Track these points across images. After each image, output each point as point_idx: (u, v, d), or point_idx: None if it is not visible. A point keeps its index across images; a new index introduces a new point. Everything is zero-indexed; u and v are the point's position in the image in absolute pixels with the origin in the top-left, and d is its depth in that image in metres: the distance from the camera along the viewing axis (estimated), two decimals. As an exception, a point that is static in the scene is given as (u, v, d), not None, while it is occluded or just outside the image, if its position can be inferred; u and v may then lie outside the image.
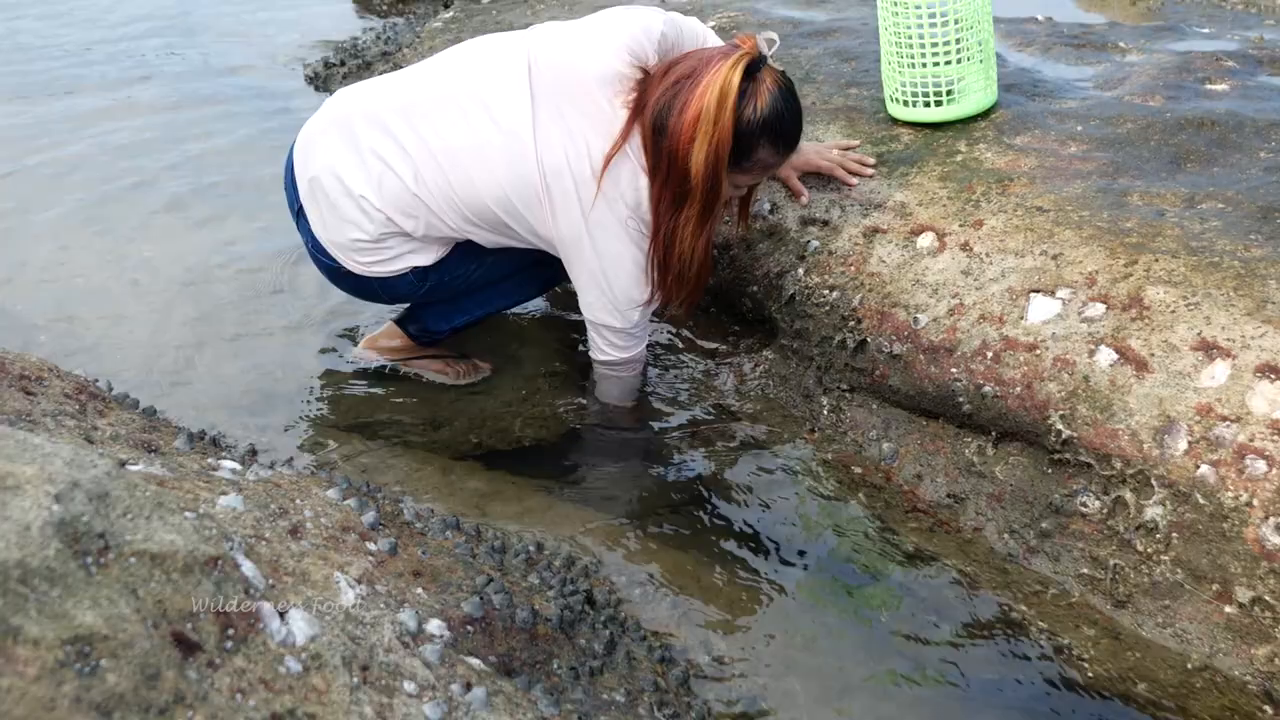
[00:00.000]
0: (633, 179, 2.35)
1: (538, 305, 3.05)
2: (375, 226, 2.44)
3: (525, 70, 2.38)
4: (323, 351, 2.94)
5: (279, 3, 6.18)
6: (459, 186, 2.39)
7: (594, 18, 2.44)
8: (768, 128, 2.29)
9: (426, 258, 2.53)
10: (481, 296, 2.71)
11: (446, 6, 5.30)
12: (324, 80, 4.92)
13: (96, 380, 2.29)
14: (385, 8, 6.00)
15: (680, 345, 2.91)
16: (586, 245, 2.39)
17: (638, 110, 2.32)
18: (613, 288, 2.44)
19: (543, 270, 2.65)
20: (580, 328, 2.58)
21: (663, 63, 2.36)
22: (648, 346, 2.65)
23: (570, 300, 2.82)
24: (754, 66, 2.25)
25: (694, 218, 2.35)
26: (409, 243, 2.49)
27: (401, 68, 4.31)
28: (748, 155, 2.32)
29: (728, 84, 2.21)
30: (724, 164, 2.29)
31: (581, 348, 2.73)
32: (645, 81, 2.34)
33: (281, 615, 1.30)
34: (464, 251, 2.54)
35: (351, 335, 2.96)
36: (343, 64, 4.97)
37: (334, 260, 2.53)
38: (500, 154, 2.35)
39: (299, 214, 2.57)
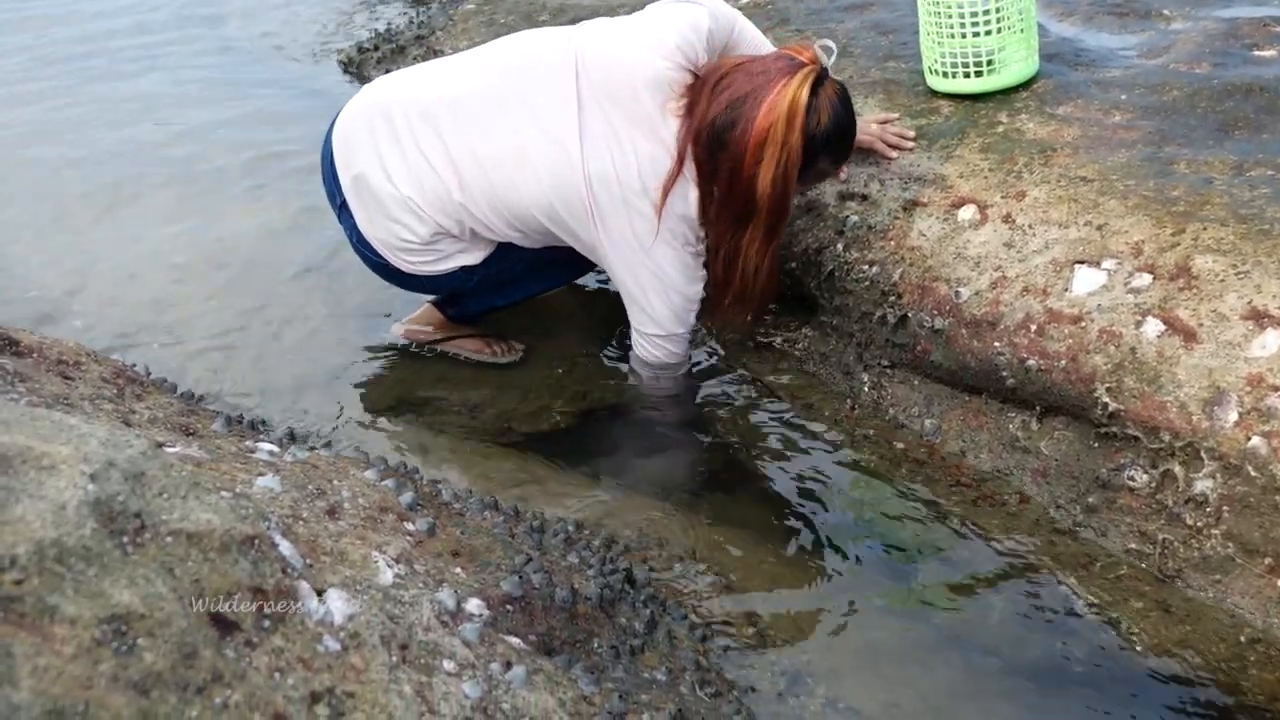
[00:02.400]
0: (683, 191, 2.32)
1: (573, 283, 3.04)
2: (426, 229, 2.43)
3: (573, 73, 2.34)
4: (360, 334, 2.94)
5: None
6: (503, 193, 2.37)
7: (642, 17, 2.40)
8: (830, 142, 2.27)
9: (475, 257, 2.52)
10: (525, 282, 2.70)
11: (480, -11, 5.27)
12: (358, 65, 4.91)
13: (134, 365, 2.30)
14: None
15: (718, 323, 2.89)
16: (634, 254, 2.37)
17: (688, 118, 2.29)
18: (659, 296, 2.43)
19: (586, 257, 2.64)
20: (617, 305, 2.56)
21: (712, 68, 2.31)
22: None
23: (605, 277, 2.81)
24: (819, 82, 2.22)
25: (759, 238, 2.32)
26: (458, 243, 2.49)
27: (436, 51, 4.35)
28: (809, 168, 2.30)
29: (796, 103, 2.18)
30: (793, 184, 2.27)
31: (620, 328, 2.71)
32: (694, 86, 2.30)
33: (319, 594, 1.29)
34: (511, 247, 2.53)
35: (389, 317, 2.95)
36: (376, 49, 4.96)
37: (380, 256, 2.53)
38: (545, 160, 2.33)
39: (341, 207, 2.55)
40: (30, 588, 1.00)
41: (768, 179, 2.22)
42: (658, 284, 2.40)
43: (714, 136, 2.25)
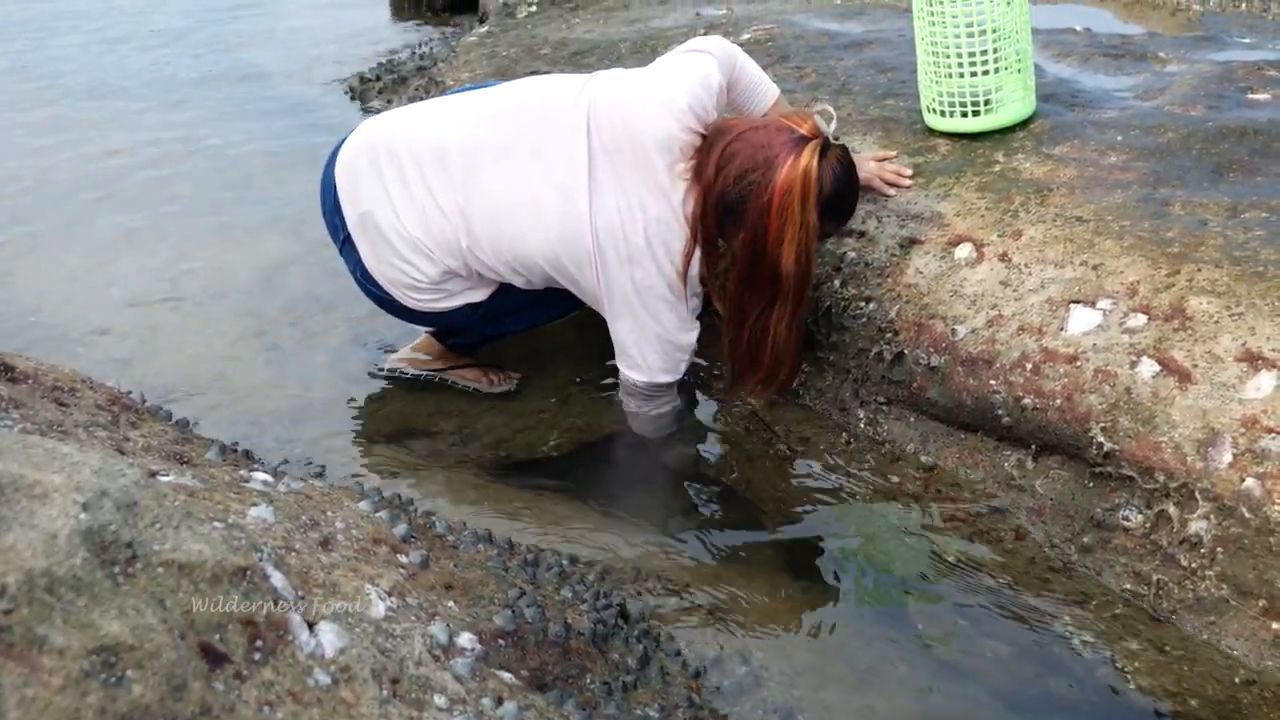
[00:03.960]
0: (686, 251, 2.35)
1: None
2: (436, 270, 2.45)
3: (584, 127, 2.35)
4: (356, 363, 2.95)
5: (315, 15, 6.22)
6: (510, 242, 2.39)
7: (654, 72, 2.40)
8: (831, 208, 2.29)
9: (480, 294, 2.54)
10: (527, 314, 2.70)
11: (482, 21, 5.31)
12: (360, 94, 4.94)
13: (129, 392, 2.30)
14: (422, 22, 6.02)
15: (714, 357, 2.89)
16: (633, 306, 2.39)
17: (695, 183, 2.31)
18: (652, 346, 2.44)
19: None
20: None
21: (716, 129, 2.33)
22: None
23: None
24: (824, 152, 2.23)
25: (787, 314, 2.34)
26: (465, 283, 2.51)
27: (437, 82, 4.37)
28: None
29: (808, 178, 2.19)
30: (815, 256, 2.29)
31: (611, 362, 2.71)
32: (701, 149, 2.31)
33: (311, 627, 1.28)
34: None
35: (386, 347, 2.96)
36: (378, 79, 4.99)
37: (385, 292, 2.53)
38: (554, 213, 2.34)
39: (345, 242, 2.56)
40: (19, 618, 1.00)
41: (791, 258, 2.24)
42: (653, 335, 2.42)
43: (725, 209, 2.27)
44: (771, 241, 2.23)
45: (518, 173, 2.37)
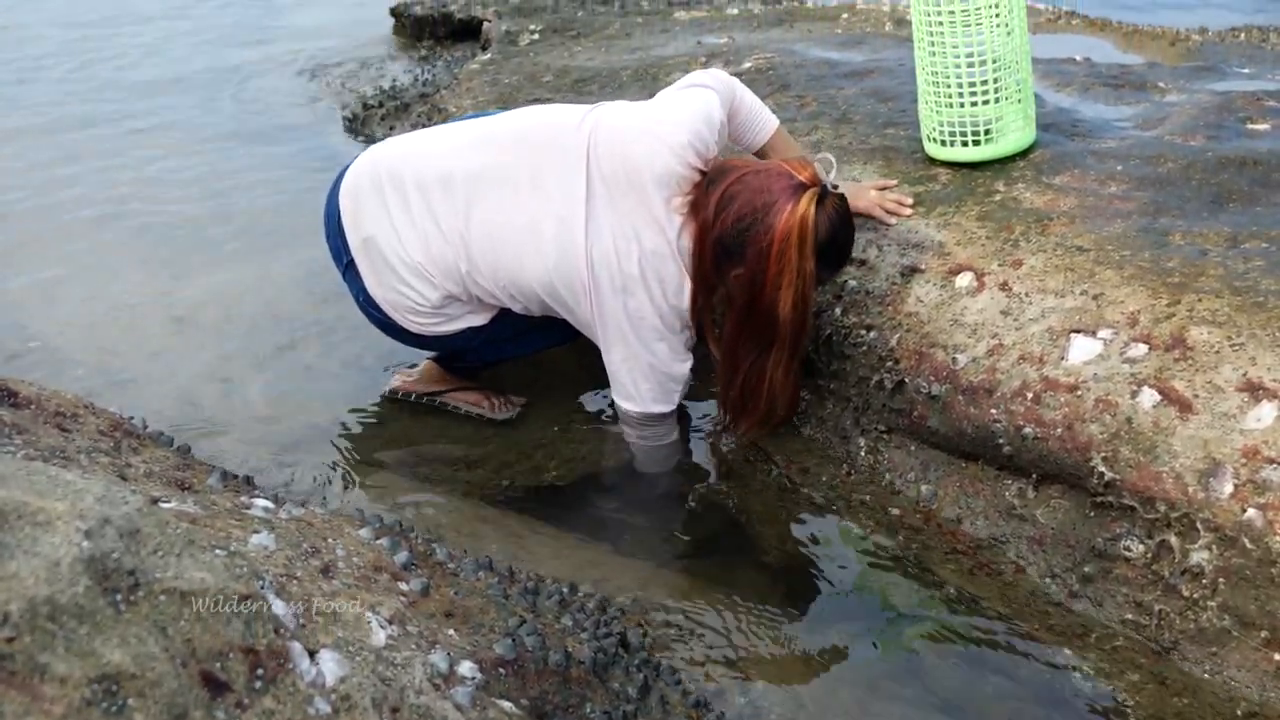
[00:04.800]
0: (678, 284, 2.36)
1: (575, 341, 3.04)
2: (437, 294, 2.47)
3: (584, 157, 2.36)
4: (358, 387, 2.95)
5: (317, 41, 6.25)
6: (508, 268, 2.40)
7: (657, 106, 2.42)
8: (825, 255, 2.29)
9: (481, 318, 2.56)
10: (529, 339, 2.71)
11: (484, 49, 5.34)
12: (362, 121, 4.95)
13: (132, 417, 2.30)
14: (424, 49, 6.05)
15: (715, 385, 2.89)
16: (626, 336, 2.40)
17: (691, 220, 2.32)
18: (645, 375, 2.46)
19: None
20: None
21: (716, 168, 2.34)
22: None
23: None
24: (822, 199, 2.24)
25: (784, 360, 2.35)
26: (465, 306, 2.53)
27: (439, 109, 4.39)
28: None
29: (805, 227, 2.20)
30: (812, 302, 2.30)
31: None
32: (700, 185, 2.33)
33: (311, 655, 1.28)
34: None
35: (387, 371, 2.96)
36: (380, 105, 5.00)
37: (387, 316, 2.55)
38: (551, 241, 2.36)
39: (348, 266, 2.57)
40: (21, 645, 1.00)
41: (788, 304, 2.25)
42: (646, 365, 2.44)
43: (723, 251, 2.28)
44: (769, 287, 2.24)
45: (518, 201, 2.38)
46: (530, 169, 2.39)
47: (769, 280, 2.23)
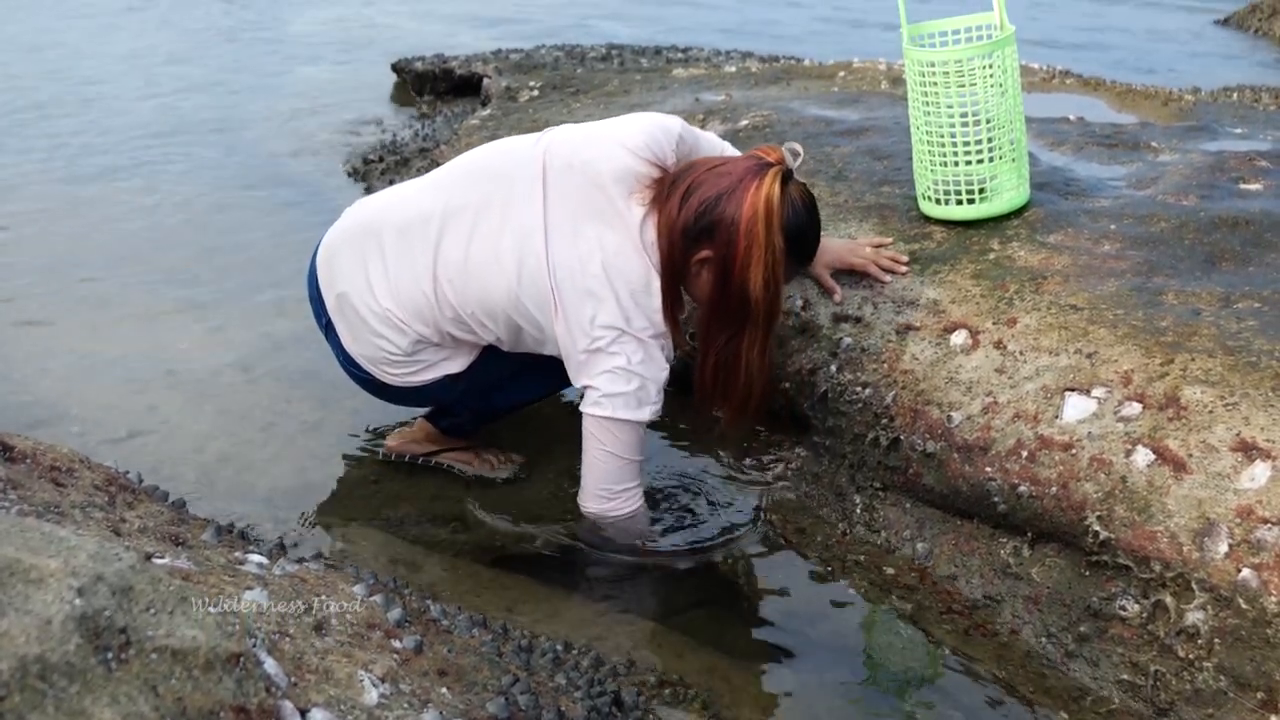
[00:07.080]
0: (645, 281, 2.33)
1: (570, 394, 3.04)
2: (406, 340, 2.46)
3: (540, 171, 2.38)
4: (353, 446, 2.94)
5: (317, 97, 6.31)
6: (473, 289, 2.39)
7: (612, 119, 2.47)
8: (792, 245, 2.29)
9: (458, 364, 2.54)
10: (511, 389, 2.71)
11: (484, 104, 5.39)
12: (363, 175, 4.99)
13: (127, 472, 2.30)
14: (425, 105, 6.11)
15: (709, 442, 2.89)
16: (596, 342, 2.35)
17: (655, 212, 2.32)
18: (618, 384, 2.38)
19: None
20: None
21: (681, 167, 2.35)
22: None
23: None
24: (787, 179, 2.25)
25: (758, 340, 2.33)
26: (440, 351, 2.51)
27: (439, 164, 4.41)
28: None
29: (770, 201, 2.20)
30: (782, 281, 2.29)
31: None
32: (661, 181, 2.34)
33: (303, 714, 1.28)
34: (493, 352, 2.54)
35: (382, 430, 2.96)
36: (381, 160, 5.05)
37: (366, 372, 2.55)
38: (513, 255, 2.35)
39: (327, 327, 2.59)
40: (11, 705, 1.00)
41: (759, 282, 2.24)
42: (617, 369, 2.34)
43: (690, 238, 2.27)
44: (739, 265, 2.23)
45: (481, 225, 2.39)
46: (491, 194, 2.41)
47: (738, 258, 2.22)
